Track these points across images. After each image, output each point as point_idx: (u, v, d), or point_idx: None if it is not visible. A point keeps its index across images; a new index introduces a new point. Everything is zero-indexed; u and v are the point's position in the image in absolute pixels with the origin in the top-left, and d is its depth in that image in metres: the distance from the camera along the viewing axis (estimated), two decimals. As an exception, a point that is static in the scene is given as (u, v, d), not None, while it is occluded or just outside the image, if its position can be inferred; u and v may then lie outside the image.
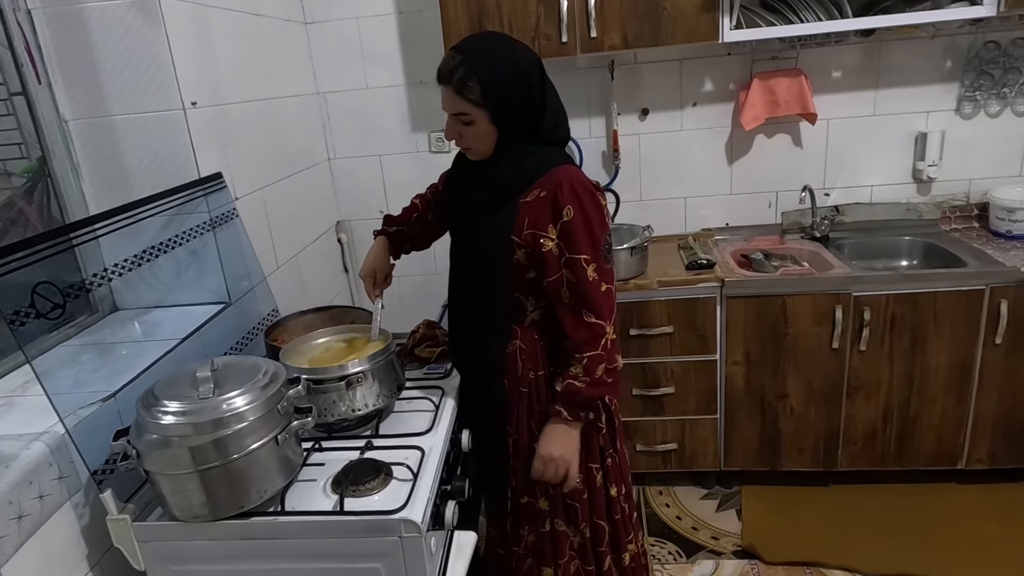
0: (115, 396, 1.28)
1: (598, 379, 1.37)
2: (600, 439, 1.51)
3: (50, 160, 1.60)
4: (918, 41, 2.36)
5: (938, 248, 2.35)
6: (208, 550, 1.17)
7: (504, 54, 1.36)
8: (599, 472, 1.54)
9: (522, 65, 1.36)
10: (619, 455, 1.57)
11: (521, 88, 1.35)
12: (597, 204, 1.37)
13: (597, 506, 1.55)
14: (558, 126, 1.42)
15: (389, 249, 1.68)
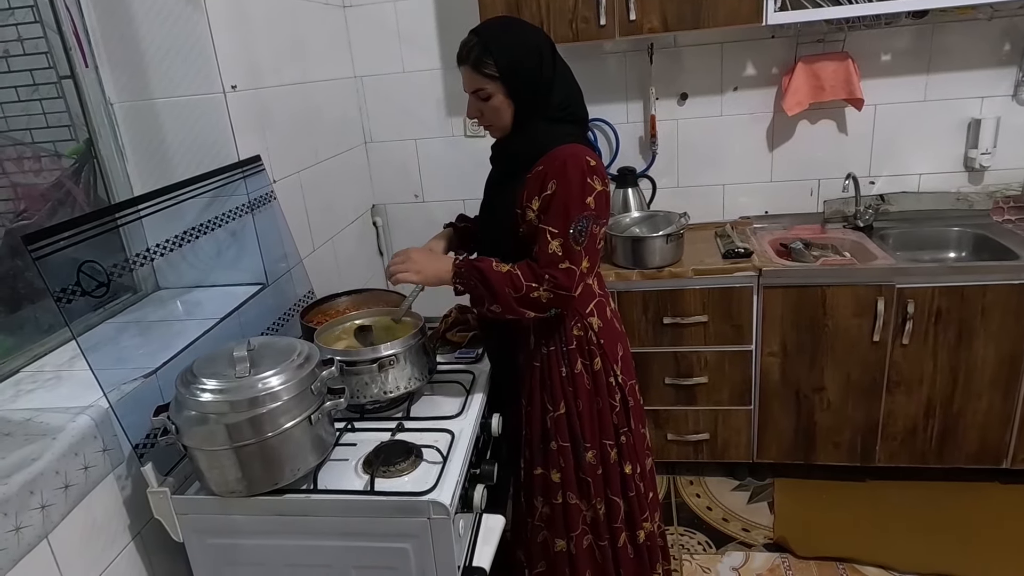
0: (156, 373, 1.32)
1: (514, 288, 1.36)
2: (614, 416, 1.55)
3: (96, 142, 1.64)
4: (974, 23, 2.25)
5: (989, 240, 2.26)
6: (243, 525, 1.21)
7: (516, 33, 1.42)
8: (613, 449, 1.57)
9: (532, 41, 1.41)
10: (634, 434, 1.60)
11: (531, 61, 1.38)
12: (582, 183, 1.36)
13: (612, 482, 1.58)
14: (570, 103, 1.44)
15: (452, 241, 1.71)
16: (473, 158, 2.67)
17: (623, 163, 2.55)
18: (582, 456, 1.54)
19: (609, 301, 1.59)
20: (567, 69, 1.46)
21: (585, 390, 1.52)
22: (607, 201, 1.43)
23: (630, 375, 1.60)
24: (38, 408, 1.19)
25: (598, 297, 1.54)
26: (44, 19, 1.53)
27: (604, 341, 1.52)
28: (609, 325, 1.55)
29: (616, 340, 1.57)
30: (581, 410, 1.52)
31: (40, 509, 1.03)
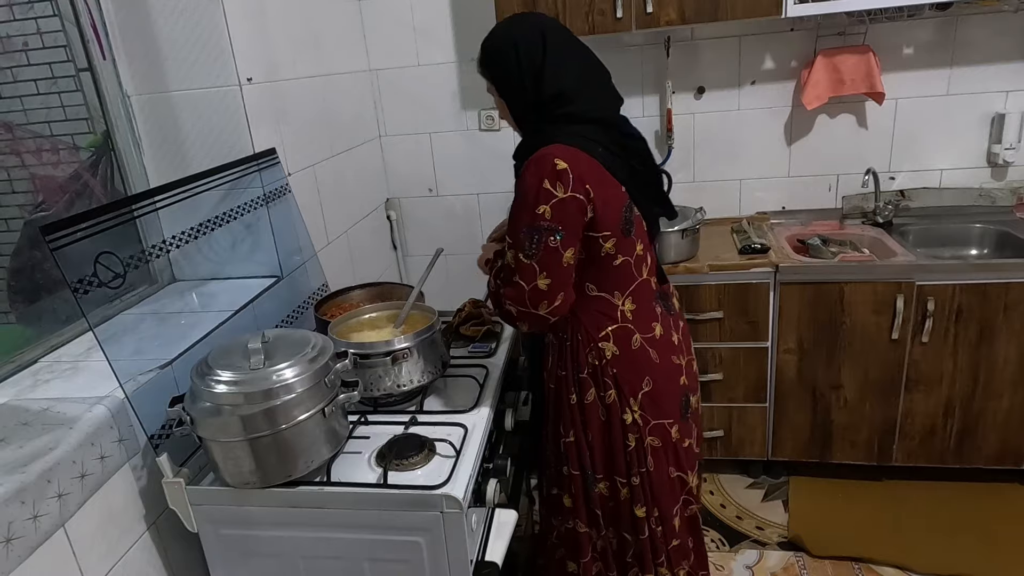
0: (172, 364, 1.33)
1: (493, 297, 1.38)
2: (627, 455, 1.41)
3: (114, 134, 1.65)
4: (999, 15, 2.21)
5: (1012, 236, 2.22)
6: (257, 516, 1.21)
7: (503, 24, 1.39)
8: (624, 487, 1.43)
9: (514, 31, 1.33)
10: (653, 476, 1.42)
11: (508, 53, 1.31)
12: (537, 189, 1.23)
13: (622, 520, 1.47)
14: (570, 99, 1.29)
15: None
16: (488, 152, 2.66)
17: (638, 157, 2.53)
18: (591, 487, 1.45)
19: (642, 329, 1.39)
20: (571, 62, 1.32)
21: (598, 422, 1.40)
22: (575, 208, 1.24)
23: (658, 414, 1.41)
24: (56, 398, 1.20)
25: (618, 324, 1.36)
26: (63, 12, 1.54)
27: (619, 372, 1.37)
28: (631, 356, 1.37)
29: (640, 373, 1.38)
30: (592, 441, 1.41)
31: (57, 498, 1.04)
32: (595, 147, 1.28)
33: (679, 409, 1.44)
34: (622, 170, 1.32)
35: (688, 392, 1.47)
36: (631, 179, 1.33)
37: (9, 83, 1.72)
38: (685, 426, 1.46)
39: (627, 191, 1.31)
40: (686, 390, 1.46)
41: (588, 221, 1.27)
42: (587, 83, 1.33)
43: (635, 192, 1.34)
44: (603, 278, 1.35)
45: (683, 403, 1.45)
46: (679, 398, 1.44)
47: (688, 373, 1.48)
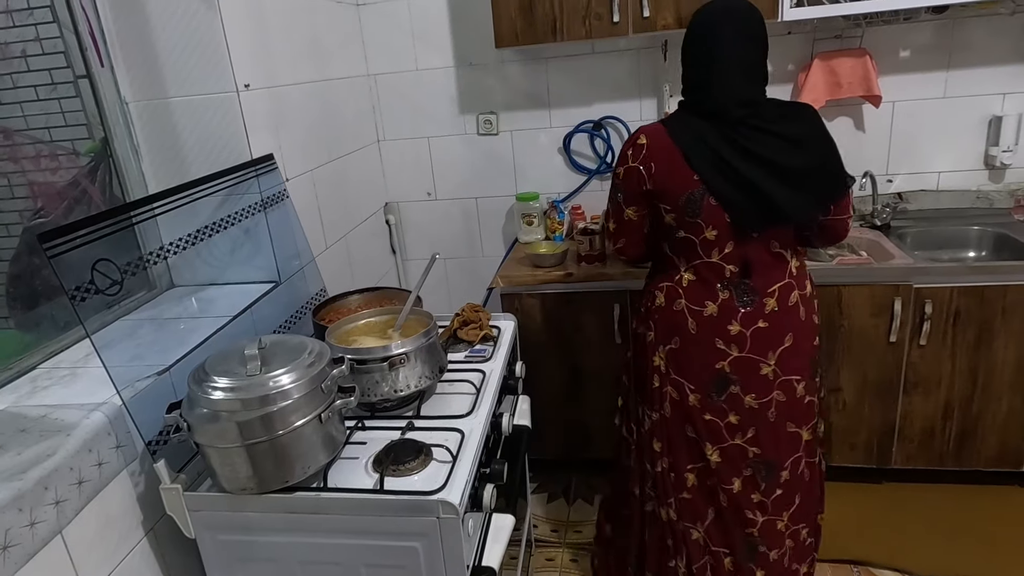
0: (169, 370, 1.33)
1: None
2: (651, 391, 1.62)
3: (112, 141, 1.66)
4: (996, 18, 2.21)
5: (1009, 239, 2.22)
6: (254, 521, 1.21)
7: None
8: (647, 419, 1.65)
9: (693, 21, 1.48)
10: (667, 422, 1.61)
11: (685, 37, 1.50)
12: (622, 151, 1.53)
13: (645, 449, 1.68)
14: (689, 85, 1.49)
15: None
16: (486, 156, 2.67)
17: (636, 161, 2.54)
18: (630, 406, 1.73)
19: (692, 300, 1.52)
20: (702, 58, 1.45)
21: (641, 354, 1.65)
22: (635, 177, 1.49)
23: (679, 372, 1.57)
24: (54, 404, 1.20)
25: (672, 284, 1.55)
26: (61, 20, 1.55)
27: (658, 320, 1.58)
28: (670, 313, 1.55)
29: (671, 331, 1.56)
30: (635, 365, 1.68)
31: (54, 505, 1.04)
32: (686, 135, 1.45)
33: (705, 384, 1.55)
34: (706, 160, 1.43)
35: (728, 380, 1.54)
36: (721, 172, 1.43)
37: (9, 89, 1.72)
38: (710, 402, 1.56)
39: (703, 179, 1.44)
40: (724, 376, 1.54)
41: (649, 191, 1.50)
42: (714, 82, 1.43)
43: (722, 184, 1.43)
44: (672, 244, 1.55)
45: (715, 382, 1.55)
46: (709, 376, 1.54)
47: (741, 368, 1.53)
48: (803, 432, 1.61)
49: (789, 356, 1.53)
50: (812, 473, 1.66)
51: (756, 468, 1.59)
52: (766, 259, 1.50)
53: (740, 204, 1.44)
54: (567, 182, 2.64)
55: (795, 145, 1.43)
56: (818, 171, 1.46)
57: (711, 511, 1.64)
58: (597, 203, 2.61)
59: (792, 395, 1.56)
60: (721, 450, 1.58)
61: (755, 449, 1.58)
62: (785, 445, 1.60)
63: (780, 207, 1.43)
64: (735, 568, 1.65)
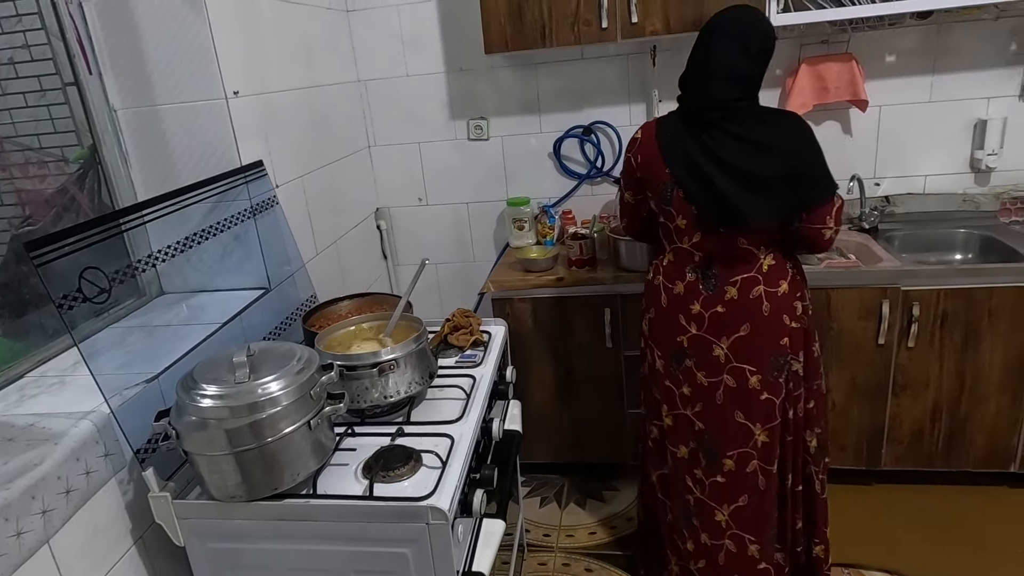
0: (158, 378, 1.33)
1: None
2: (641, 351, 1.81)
3: (100, 148, 1.66)
4: (980, 23, 2.24)
5: (996, 241, 2.24)
6: (243, 529, 1.21)
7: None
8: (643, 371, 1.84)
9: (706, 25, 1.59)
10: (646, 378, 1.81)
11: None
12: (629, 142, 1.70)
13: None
14: (684, 83, 1.61)
15: None
16: (477, 161, 2.68)
17: (626, 166, 2.55)
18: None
19: (667, 278, 1.67)
20: (692, 61, 1.58)
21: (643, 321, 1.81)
22: (628, 166, 1.69)
23: (653, 338, 1.74)
24: (41, 413, 1.20)
25: (656, 261, 1.74)
26: (48, 27, 1.55)
27: (646, 291, 1.77)
28: (651, 285, 1.73)
29: (650, 301, 1.74)
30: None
31: (41, 514, 1.04)
32: (666, 132, 1.60)
33: (668, 353, 1.70)
34: (677, 157, 1.56)
35: (685, 354, 1.66)
36: (688, 169, 1.55)
37: (-2, 96, 1.72)
38: (672, 371, 1.70)
39: (673, 174, 1.57)
40: (682, 349, 1.66)
41: (638, 179, 1.68)
42: (694, 84, 1.57)
43: (687, 179, 1.55)
44: (659, 227, 1.71)
45: (675, 353, 1.68)
46: (672, 347, 1.69)
47: (696, 346, 1.64)
48: (756, 430, 1.62)
49: (743, 345, 1.59)
50: (768, 483, 1.65)
51: (700, 444, 1.69)
52: (732, 252, 1.58)
53: (702, 201, 1.54)
54: (557, 187, 2.65)
55: (764, 151, 1.49)
56: (787, 178, 1.49)
57: (666, 466, 1.82)
58: (587, 208, 2.62)
59: (744, 384, 1.61)
60: (674, 416, 1.73)
61: (700, 424, 1.68)
62: (731, 433, 1.64)
63: (739, 210, 1.49)
64: (672, 523, 1.82)
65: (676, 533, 1.80)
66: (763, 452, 1.63)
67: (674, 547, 1.83)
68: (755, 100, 1.56)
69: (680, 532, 1.79)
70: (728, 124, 1.51)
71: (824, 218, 1.54)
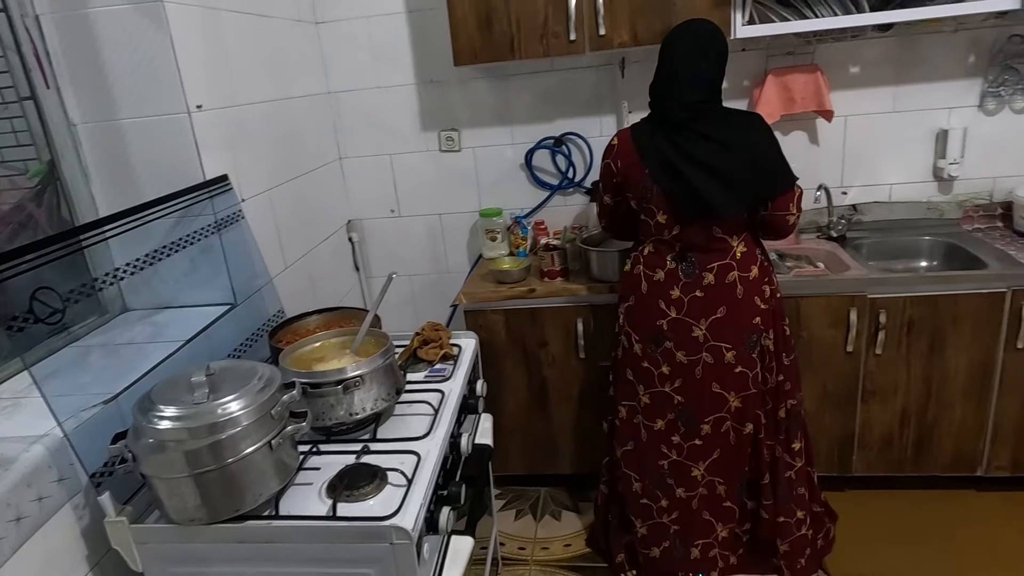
0: (116, 398, 1.30)
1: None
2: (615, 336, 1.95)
3: (59, 163, 1.63)
4: (940, 35, 2.29)
5: (959, 249, 2.28)
6: (204, 552, 1.19)
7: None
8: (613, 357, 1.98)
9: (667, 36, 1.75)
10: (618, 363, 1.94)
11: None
12: (604, 149, 1.85)
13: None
14: (652, 92, 1.76)
15: None
16: (449, 173, 2.67)
17: (597, 176, 2.54)
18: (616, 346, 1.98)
19: (647, 267, 1.82)
20: (662, 70, 1.73)
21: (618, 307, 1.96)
22: (608, 171, 1.84)
23: (631, 324, 1.87)
24: (-8, 438, 1.16)
25: (636, 253, 1.86)
26: (3, 40, 1.52)
27: (623, 281, 1.92)
28: (630, 276, 1.87)
29: (628, 290, 1.88)
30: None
31: (-10, 543, 1.01)
32: (642, 136, 1.75)
33: (647, 336, 1.84)
34: (654, 157, 1.72)
35: (664, 336, 1.81)
36: (664, 168, 1.70)
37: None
38: (650, 353, 1.85)
39: (651, 174, 1.72)
40: (662, 332, 1.81)
41: (618, 183, 1.83)
42: (663, 90, 1.72)
43: (664, 178, 1.71)
44: (638, 224, 1.85)
45: (654, 336, 1.83)
46: (651, 331, 1.83)
47: (675, 328, 1.80)
48: (730, 397, 1.82)
49: (720, 325, 1.77)
50: (739, 439, 1.86)
51: (679, 414, 1.86)
52: (708, 241, 1.74)
53: (677, 196, 1.71)
54: (530, 198, 2.65)
55: (729, 149, 1.66)
56: (748, 172, 1.67)
57: (631, 443, 1.95)
58: (560, 218, 2.63)
59: (720, 360, 1.79)
60: (651, 394, 1.88)
61: (680, 398, 1.84)
62: (708, 402, 1.82)
63: (710, 202, 1.67)
64: (643, 492, 1.96)
65: (648, 496, 1.95)
66: (736, 415, 1.83)
67: (641, 510, 1.97)
68: (718, 102, 1.74)
69: (653, 494, 1.94)
70: (696, 124, 1.68)
71: (787, 206, 1.73)
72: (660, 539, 1.96)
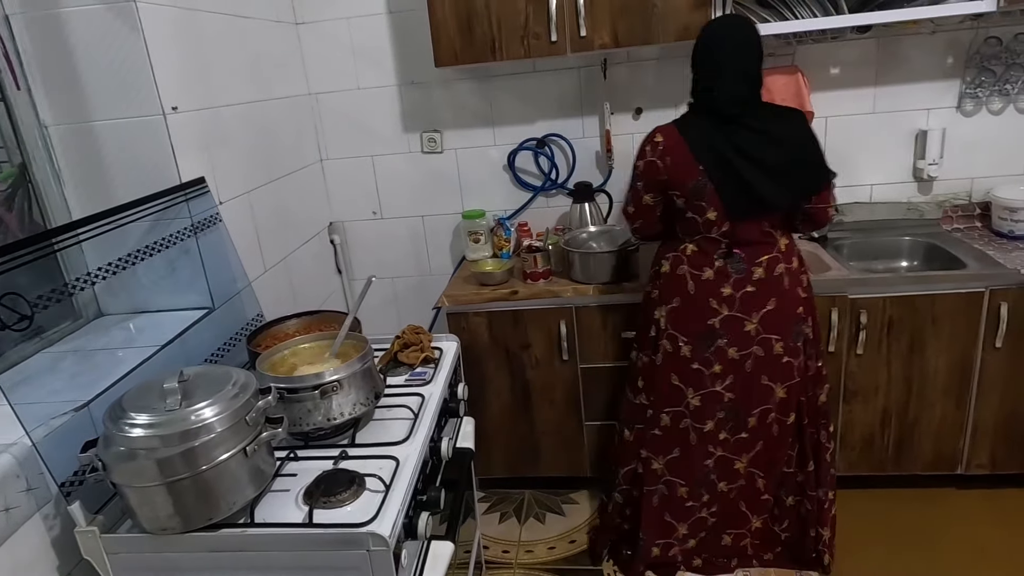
0: (88, 405, 1.28)
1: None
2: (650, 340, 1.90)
3: (31, 166, 1.60)
4: (918, 37, 2.30)
5: (939, 249, 2.30)
6: (177, 562, 1.17)
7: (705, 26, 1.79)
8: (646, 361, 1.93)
9: (704, 30, 1.75)
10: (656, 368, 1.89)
11: (695, 45, 1.76)
12: (641, 147, 1.80)
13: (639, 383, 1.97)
14: (694, 92, 1.76)
15: None
16: (431, 174, 2.66)
17: (580, 178, 2.55)
18: (637, 357, 1.98)
19: (693, 267, 1.79)
20: (708, 65, 1.70)
21: (647, 311, 1.93)
22: (653, 169, 1.76)
23: (676, 327, 1.83)
24: (-42, 447, 1.14)
25: (676, 253, 1.83)
26: (-28, 41, 1.49)
27: (662, 284, 1.86)
28: (673, 278, 1.83)
29: (673, 292, 1.83)
30: (641, 323, 1.97)
31: (-46, 556, 0.99)
32: (691, 131, 1.73)
33: (698, 337, 1.82)
34: (708, 154, 1.70)
35: (717, 335, 1.80)
36: (718, 164, 1.70)
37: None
38: (701, 354, 1.82)
39: (705, 170, 1.70)
40: (714, 331, 1.80)
41: (664, 181, 1.76)
42: (713, 84, 1.69)
43: (718, 174, 1.70)
44: (679, 223, 1.82)
45: (705, 335, 1.81)
46: (702, 330, 1.81)
47: (728, 325, 1.79)
48: (777, 388, 1.84)
49: (770, 318, 1.78)
50: (782, 430, 1.89)
51: (727, 410, 1.86)
52: (757, 236, 1.76)
53: (732, 192, 1.71)
54: (513, 199, 2.64)
55: (778, 144, 1.69)
56: (797, 167, 1.72)
57: (677, 449, 1.92)
58: (543, 220, 2.62)
59: (770, 352, 1.81)
60: (701, 396, 1.86)
61: (730, 395, 1.85)
62: (757, 395, 1.85)
63: (763, 196, 1.69)
64: (688, 496, 1.94)
65: (692, 499, 1.94)
66: (780, 406, 1.86)
67: (685, 513, 1.96)
68: (761, 97, 1.75)
69: (697, 494, 1.94)
70: (747, 120, 1.69)
71: (829, 198, 1.81)
72: (697, 532, 1.99)
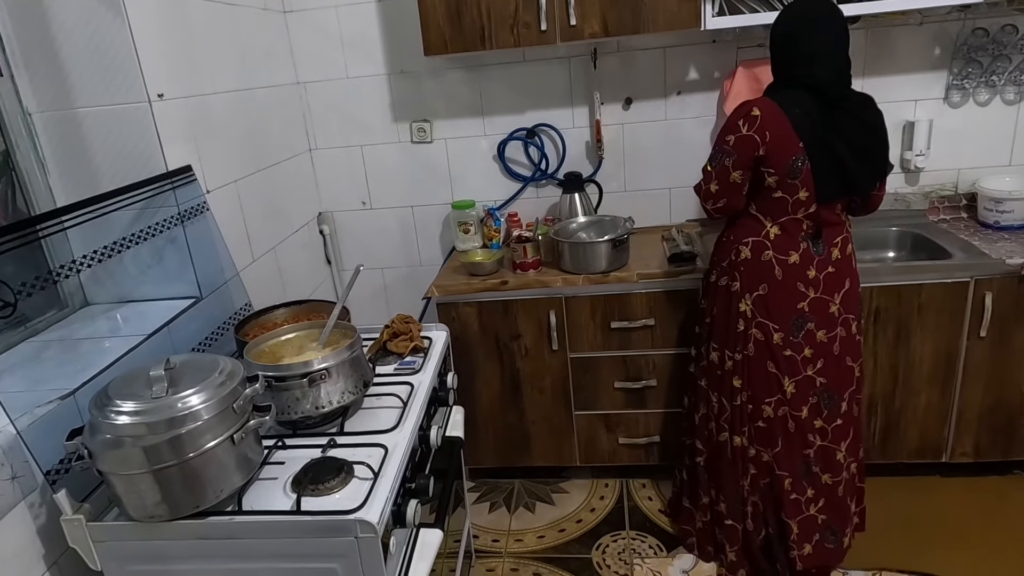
0: (74, 394, 1.27)
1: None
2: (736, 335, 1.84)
3: (14, 153, 1.58)
4: (905, 28, 2.31)
5: (925, 239, 2.31)
6: (164, 550, 1.17)
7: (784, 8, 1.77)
8: (730, 360, 1.86)
9: (790, 8, 1.73)
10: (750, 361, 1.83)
11: (777, 22, 1.75)
12: (733, 124, 1.71)
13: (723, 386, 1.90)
14: (789, 63, 1.71)
15: None
16: (421, 164, 2.65)
17: (570, 168, 2.56)
18: (704, 353, 1.94)
19: (778, 251, 1.76)
20: (806, 40, 1.66)
21: (723, 303, 1.86)
22: (749, 144, 1.68)
23: (765, 314, 1.79)
24: (-59, 436, 1.13)
25: (759, 238, 1.78)
26: (-46, 27, 1.47)
27: (744, 271, 1.80)
28: (757, 264, 1.78)
29: (759, 279, 1.78)
30: (715, 314, 1.89)
31: (-62, 544, 0.98)
32: (793, 107, 1.67)
33: (788, 323, 1.79)
34: (809, 131, 1.66)
35: (806, 319, 1.79)
36: (817, 143, 1.66)
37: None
38: (792, 339, 1.80)
39: (805, 147, 1.66)
40: (803, 315, 1.78)
41: (759, 157, 1.69)
42: (812, 59, 1.66)
43: (816, 152, 1.67)
44: (760, 203, 1.77)
45: (795, 321, 1.79)
46: (791, 315, 1.78)
47: (816, 308, 1.78)
48: (855, 368, 1.88)
49: (848, 297, 1.82)
50: (859, 409, 1.93)
51: (820, 396, 1.84)
52: (833, 217, 1.78)
53: (826, 173, 1.70)
54: (503, 189, 2.64)
55: (867, 126, 1.72)
56: (880, 152, 1.76)
57: (780, 439, 1.87)
58: (533, 210, 2.62)
59: (849, 331, 1.84)
60: (796, 382, 1.82)
61: (822, 379, 1.83)
62: (845, 377, 1.86)
63: (854, 179, 1.71)
64: (792, 488, 1.88)
65: (796, 491, 1.88)
66: (858, 385, 1.89)
67: (793, 508, 1.88)
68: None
69: (800, 487, 1.88)
70: (844, 102, 1.70)
71: (885, 184, 1.85)
72: (811, 534, 1.89)
